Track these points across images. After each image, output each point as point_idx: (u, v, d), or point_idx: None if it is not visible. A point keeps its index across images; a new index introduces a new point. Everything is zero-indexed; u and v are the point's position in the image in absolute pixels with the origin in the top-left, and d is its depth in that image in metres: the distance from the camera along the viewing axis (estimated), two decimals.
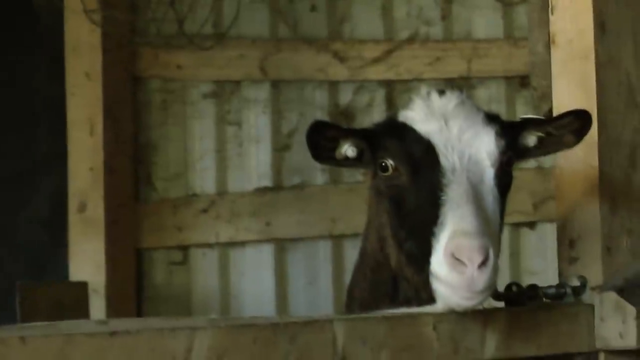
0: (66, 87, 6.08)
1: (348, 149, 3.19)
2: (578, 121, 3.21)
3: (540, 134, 3.25)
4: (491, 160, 3.07)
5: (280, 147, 6.23)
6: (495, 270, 2.85)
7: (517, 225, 5.87)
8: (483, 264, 2.81)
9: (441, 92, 3.22)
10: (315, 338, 2.74)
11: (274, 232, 6.16)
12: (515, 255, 5.91)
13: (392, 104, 6.06)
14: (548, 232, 5.79)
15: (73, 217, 6.04)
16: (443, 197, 2.96)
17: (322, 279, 6.15)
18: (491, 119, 3.16)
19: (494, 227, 3.00)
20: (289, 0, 6.27)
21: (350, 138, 3.18)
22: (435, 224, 2.92)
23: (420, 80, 6.01)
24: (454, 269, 2.83)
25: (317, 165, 4.59)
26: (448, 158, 3.04)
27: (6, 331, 2.60)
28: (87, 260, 5.97)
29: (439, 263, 2.88)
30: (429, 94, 3.22)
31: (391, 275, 3.21)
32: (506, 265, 5.78)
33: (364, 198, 3.65)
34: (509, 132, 3.15)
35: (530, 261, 5.91)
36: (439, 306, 2.98)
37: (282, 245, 6.21)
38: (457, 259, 2.83)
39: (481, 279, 2.81)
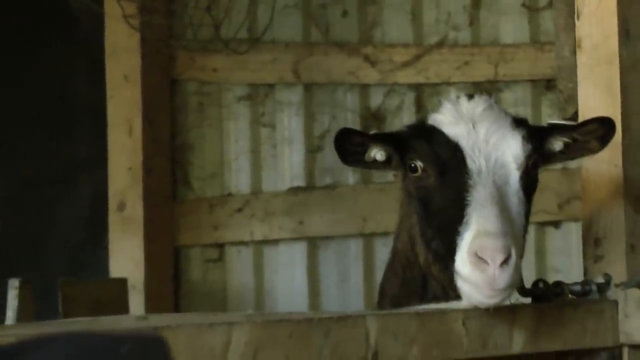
0: (106, 90, 6.14)
1: (377, 153, 3.21)
2: (602, 128, 3.21)
3: (566, 139, 3.24)
4: (517, 164, 3.07)
5: (313, 149, 6.27)
6: (518, 269, 2.86)
7: (542, 224, 5.85)
8: (505, 263, 2.82)
9: (470, 97, 3.23)
10: (348, 333, 2.74)
11: (307, 230, 6.19)
12: (540, 253, 5.90)
13: (421, 107, 6.07)
14: (572, 231, 5.80)
15: (113, 216, 6.11)
16: (469, 198, 2.96)
17: (353, 277, 6.17)
18: (518, 123, 3.17)
19: (517, 228, 3.00)
20: (321, 6, 6.29)
21: (378, 143, 3.21)
22: (460, 223, 2.93)
23: (448, 84, 6.04)
24: (476, 268, 2.84)
25: None
26: (475, 160, 3.05)
27: (51, 326, 2.67)
28: (126, 258, 6.04)
29: (462, 261, 2.88)
30: (458, 98, 3.24)
31: (421, 274, 3.25)
32: (532, 263, 5.78)
33: (393, 197, 3.68)
34: (535, 136, 3.15)
35: (555, 259, 5.90)
36: (464, 303, 2.99)
37: (314, 244, 6.24)
38: (480, 258, 2.84)
39: (503, 277, 2.82)
